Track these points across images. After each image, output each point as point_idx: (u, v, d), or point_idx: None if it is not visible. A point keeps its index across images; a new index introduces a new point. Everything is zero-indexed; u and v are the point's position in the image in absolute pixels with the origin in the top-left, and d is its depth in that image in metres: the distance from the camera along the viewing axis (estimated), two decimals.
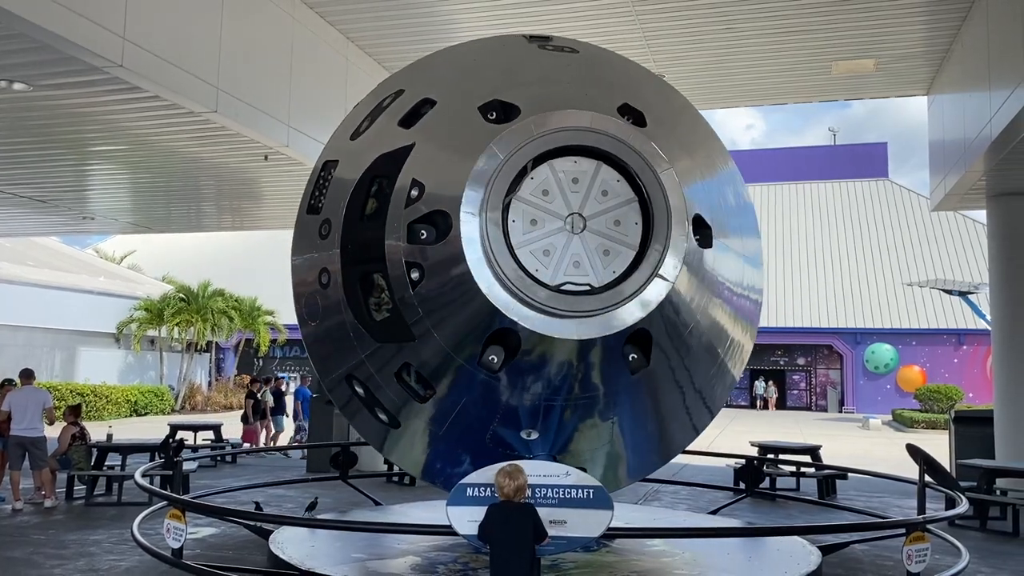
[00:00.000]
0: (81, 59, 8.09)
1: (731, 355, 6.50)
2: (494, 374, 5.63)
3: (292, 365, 52.02)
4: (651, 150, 5.49)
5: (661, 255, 5.38)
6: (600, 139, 5.48)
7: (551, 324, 5.38)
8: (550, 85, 6.07)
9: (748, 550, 7.56)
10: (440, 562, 6.70)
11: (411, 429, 6.53)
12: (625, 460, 6.77)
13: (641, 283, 5.36)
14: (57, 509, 10.30)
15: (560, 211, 5.49)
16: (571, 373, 5.64)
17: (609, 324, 5.40)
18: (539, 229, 5.48)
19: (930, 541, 6.17)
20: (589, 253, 5.44)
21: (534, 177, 5.52)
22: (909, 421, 31.46)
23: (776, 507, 11.58)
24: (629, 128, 5.58)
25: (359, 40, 12.53)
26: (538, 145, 5.47)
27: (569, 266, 5.44)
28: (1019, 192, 12.77)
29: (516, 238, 5.45)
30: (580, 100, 5.75)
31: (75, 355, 32.17)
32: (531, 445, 6.22)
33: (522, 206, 5.48)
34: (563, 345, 5.44)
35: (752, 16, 11.28)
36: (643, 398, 6.10)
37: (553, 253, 5.45)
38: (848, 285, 43.60)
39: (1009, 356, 12.69)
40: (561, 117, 5.54)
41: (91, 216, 16.90)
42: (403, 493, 12.09)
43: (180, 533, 6.23)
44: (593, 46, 7.26)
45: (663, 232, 5.39)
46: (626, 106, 5.86)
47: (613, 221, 5.48)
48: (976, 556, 7.95)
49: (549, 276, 5.42)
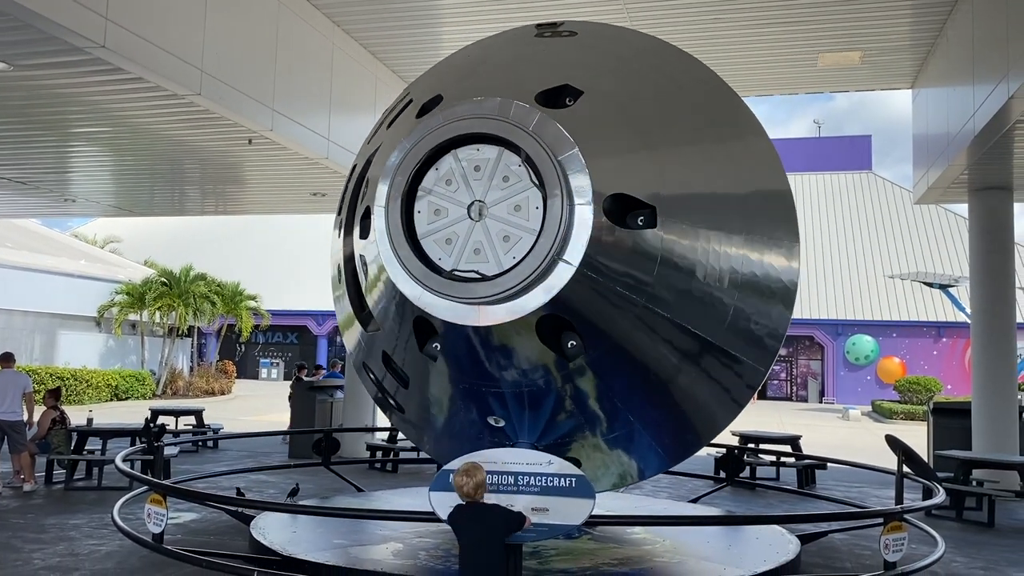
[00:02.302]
0: (63, 39, 7.97)
1: (707, 341, 6.11)
2: (436, 362, 5.85)
3: (274, 351, 51.89)
4: (554, 133, 5.37)
5: (554, 239, 5.23)
6: (500, 125, 5.44)
7: (456, 311, 5.47)
8: (501, 74, 6.11)
9: (728, 538, 7.63)
10: (422, 548, 6.71)
11: (410, 415, 6.76)
12: (622, 454, 6.73)
13: (535, 268, 5.24)
14: (36, 493, 10.24)
15: (463, 199, 5.53)
16: (497, 360, 5.71)
17: (513, 310, 5.39)
18: (443, 219, 5.56)
19: (907, 531, 6.24)
20: (490, 240, 5.43)
21: (439, 168, 5.61)
22: (888, 412, 31.77)
23: (756, 496, 11.68)
24: (533, 112, 5.46)
25: (345, 24, 12.44)
26: (439, 135, 5.55)
27: (470, 253, 5.45)
28: (1001, 186, 12.88)
29: (421, 228, 5.58)
30: (500, 87, 5.73)
31: (55, 339, 31.91)
32: (515, 434, 6.25)
33: (428, 197, 5.61)
34: (475, 332, 5.53)
35: (739, 8, 11.28)
36: (599, 385, 5.93)
37: (455, 241, 5.50)
38: (830, 276, 43.90)
39: (987, 349, 12.84)
40: (470, 106, 5.61)
41: (73, 198, 16.74)
42: (385, 480, 12.11)
43: (161, 518, 6.21)
44: (602, 25, 7.16)
45: (557, 215, 5.24)
46: (567, 87, 5.77)
47: (513, 207, 5.42)
48: (952, 546, 8.05)
49: (450, 264, 5.49)
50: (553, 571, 6.25)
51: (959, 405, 14.24)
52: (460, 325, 5.50)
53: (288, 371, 49.53)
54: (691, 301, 5.77)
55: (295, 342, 51.52)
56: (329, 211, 15.44)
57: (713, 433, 6.88)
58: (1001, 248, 13.04)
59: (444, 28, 12.50)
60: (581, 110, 5.64)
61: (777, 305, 6.38)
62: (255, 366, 51.10)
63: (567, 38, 6.57)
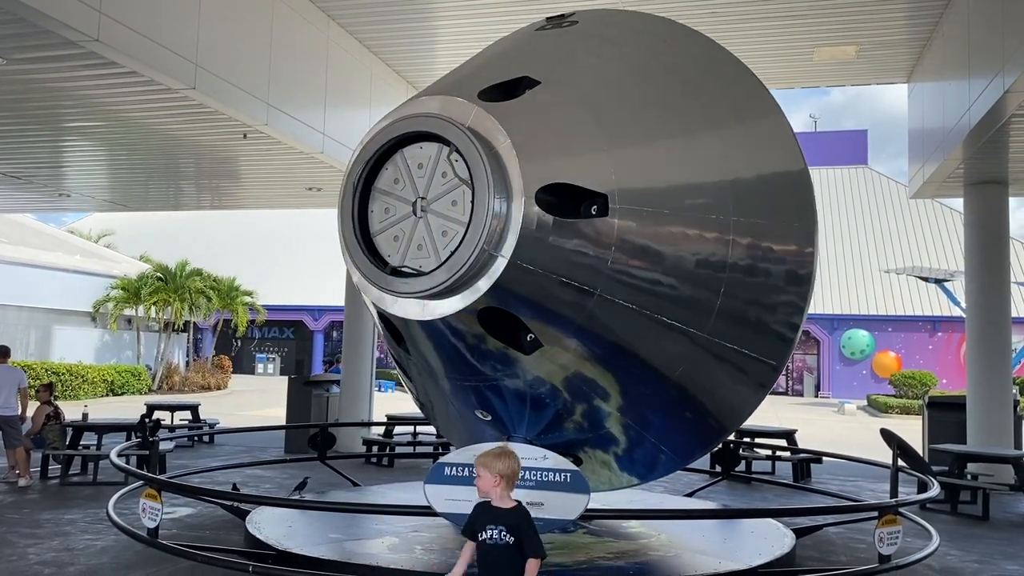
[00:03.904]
0: (57, 33, 7.94)
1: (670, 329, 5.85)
2: (410, 356, 6.04)
3: (270, 346, 51.82)
4: (487, 127, 5.38)
5: (481, 232, 5.19)
6: (436, 123, 5.49)
7: (404, 307, 5.65)
8: (475, 70, 6.17)
9: (723, 532, 7.64)
10: (418, 542, 6.71)
11: (428, 406, 7.09)
12: (602, 453, 6.74)
13: (464, 261, 5.23)
14: (31, 488, 10.22)
15: (408, 197, 5.61)
16: (460, 355, 5.80)
17: (453, 304, 5.45)
18: (391, 217, 5.65)
19: (902, 524, 6.26)
20: (431, 235, 5.49)
21: (388, 168, 5.71)
22: (884, 406, 31.84)
23: (751, 490, 11.70)
24: (469, 108, 5.49)
25: (340, 19, 12.40)
26: (384, 135, 5.66)
27: (414, 250, 5.54)
28: (996, 181, 12.89)
29: (374, 227, 5.70)
30: (451, 86, 5.84)
31: (50, 334, 31.84)
32: (510, 428, 6.26)
33: (380, 196, 5.73)
34: (425, 327, 5.66)
35: (734, 2, 11.27)
36: (569, 378, 5.88)
37: (401, 239, 5.59)
38: (825, 271, 43.93)
39: (982, 343, 12.87)
40: (413, 105, 5.74)
41: (67, 193, 16.69)
42: (382, 474, 12.10)
43: (156, 513, 6.20)
44: (608, 12, 7.11)
45: (483, 208, 5.21)
46: (526, 79, 5.78)
47: (451, 202, 5.45)
48: (946, 539, 8.07)
49: (397, 261, 5.59)
50: (548, 565, 6.24)
51: (954, 399, 14.27)
52: (410, 320, 5.64)
53: (285, 366, 49.57)
54: (659, 289, 5.66)
55: (291, 337, 51.45)
56: (325, 206, 15.42)
57: (716, 425, 6.81)
58: (996, 243, 13.06)
59: (439, 23, 12.46)
60: (532, 101, 5.63)
61: (773, 293, 6.23)
62: (251, 361, 51.02)
63: (568, 28, 6.55)
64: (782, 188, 6.36)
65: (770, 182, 6.27)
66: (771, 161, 6.34)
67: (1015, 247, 40.07)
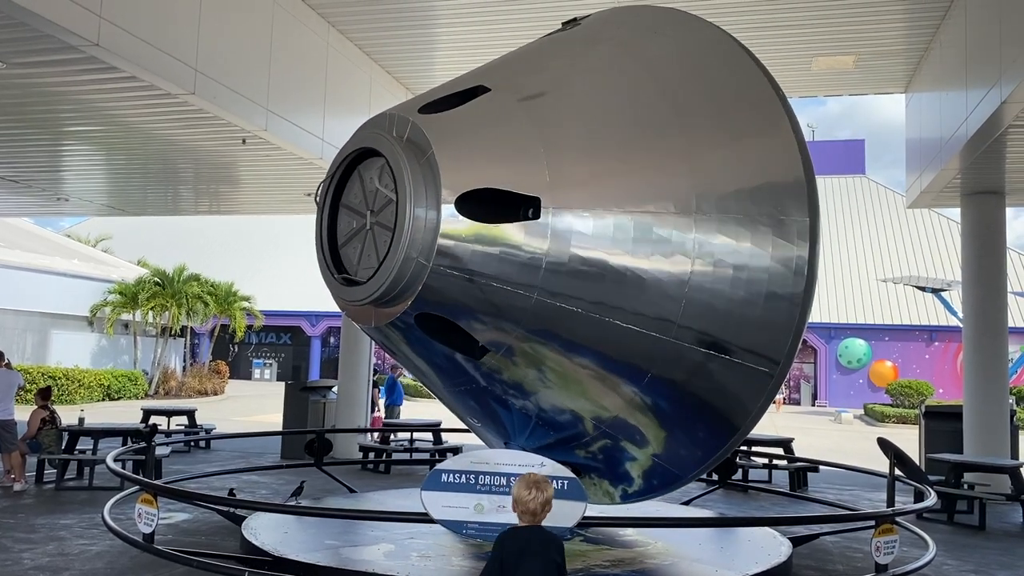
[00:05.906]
0: (57, 37, 7.95)
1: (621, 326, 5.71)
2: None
3: (267, 351, 51.76)
4: (418, 139, 5.52)
5: (404, 241, 5.32)
6: (376, 137, 5.73)
7: (359, 315, 5.96)
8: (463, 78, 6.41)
9: (720, 540, 7.63)
10: (414, 549, 6.70)
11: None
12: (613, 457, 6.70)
13: (391, 269, 5.40)
14: (27, 493, 10.19)
15: (362, 210, 5.87)
16: (424, 360, 6.07)
17: (391, 312, 5.65)
18: (351, 229, 5.94)
19: (898, 533, 6.26)
20: (377, 245, 5.68)
21: (353, 183, 6.01)
22: (880, 415, 31.83)
23: (748, 498, 11.70)
24: (405, 121, 5.65)
25: (340, 24, 12.42)
26: (343, 152, 5.97)
27: (365, 260, 5.79)
28: (993, 191, 12.93)
29: (341, 239, 6.03)
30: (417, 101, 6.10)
31: (47, 338, 31.77)
32: (510, 435, 6.27)
33: (344, 211, 6.04)
34: (379, 333, 5.94)
35: (733, 11, 11.30)
36: (526, 382, 5.86)
37: (358, 249, 5.84)
38: (823, 280, 43.96)
39: (979, 353, 12.88)
40: (370, 121, 6.02)
41: (65, 197, 16.67)
42: (378, 480, 12.09)
43: (152, 518, 6.18)
44: (613, 11, 7.04)
45: (406, 217, 5.34)
46: (480, 87, 5.91)
47: (392, 212, 5.59)
48: (943, 548, 8.07)
49: (354, 271, 5.85)
50: None
51: (951, 409, 14.28)
52: (366, 328, 5.96)
53: (282, 372, 49.51)
54: (606, 289, 5.56)
55: (288, 343, 51.40)
56: None
57: (713, 432, 6.56)
58: (993, 252, 13.09)
59: (438, 29, 12.49)
60: (475, 110, 5.71)
61: (739, 293, 5.86)
62: (248, 367, 50.96)
63: (570, 30, 6.58)
64: (752, 189, 5.99)
65: (732, 183, 5.95)
66: (732, 162, 6.04)
67: (1012, 257, 40.18)
